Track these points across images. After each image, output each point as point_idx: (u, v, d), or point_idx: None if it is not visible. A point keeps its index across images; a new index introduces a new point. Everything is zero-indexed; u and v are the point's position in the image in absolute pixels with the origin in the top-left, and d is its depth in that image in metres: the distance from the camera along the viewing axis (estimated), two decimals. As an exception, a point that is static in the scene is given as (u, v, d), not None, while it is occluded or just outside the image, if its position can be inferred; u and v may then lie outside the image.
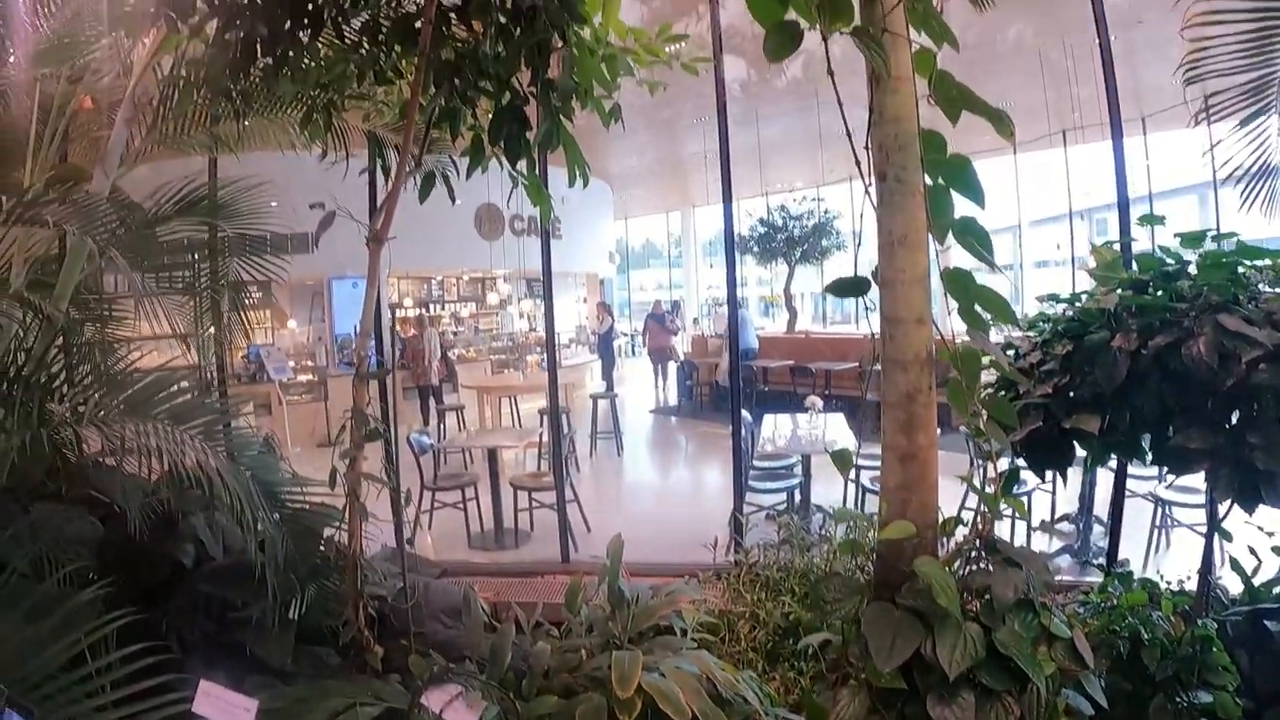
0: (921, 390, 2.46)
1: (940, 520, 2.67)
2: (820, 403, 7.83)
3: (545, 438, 8.72)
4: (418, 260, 17.30)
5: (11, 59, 4.14)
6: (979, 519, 2.66)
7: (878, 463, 7.42)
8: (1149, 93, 12.91)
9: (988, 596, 2.54)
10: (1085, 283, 3.93)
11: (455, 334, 19.73)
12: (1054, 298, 3.91)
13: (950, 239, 2.33)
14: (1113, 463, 5.13)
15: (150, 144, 4.88)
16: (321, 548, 3.79)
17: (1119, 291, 3.38)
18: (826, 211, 19.70)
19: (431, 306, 20.11)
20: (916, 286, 2.37)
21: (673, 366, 17.52)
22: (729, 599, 5.18)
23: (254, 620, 3.21)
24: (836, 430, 7.60)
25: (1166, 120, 13.27)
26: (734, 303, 6.18)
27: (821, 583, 2.70)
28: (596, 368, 18.18)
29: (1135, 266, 3.53)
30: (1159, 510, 6.41)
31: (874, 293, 2.52)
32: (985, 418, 2.51)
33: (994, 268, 2.35)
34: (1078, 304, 3.64)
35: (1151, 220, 3.97)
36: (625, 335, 21.04)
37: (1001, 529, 6.70)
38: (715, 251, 32.69)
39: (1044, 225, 27.44)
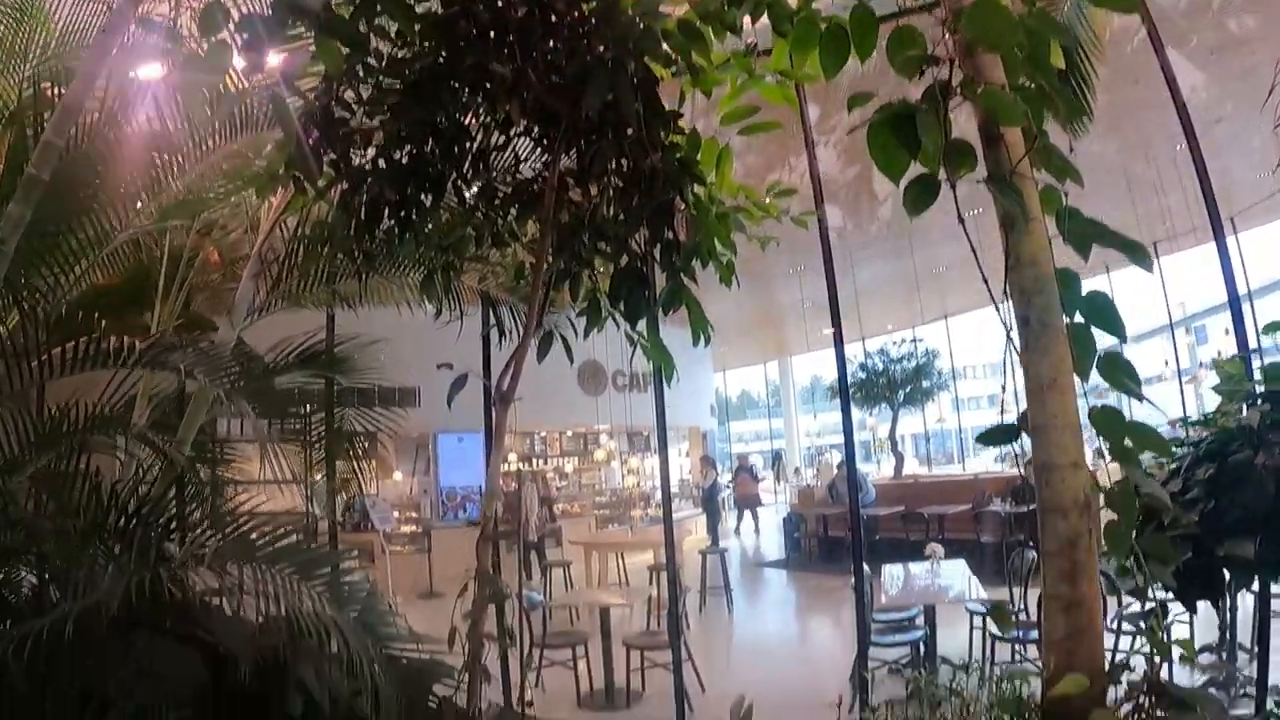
0: (1082, 535, 2.33)
1: (1107, 667, 2.47)
2: (941, 550, 7.52)
3: (656, 595, 8.54)
4: (521, 417, 17.53)
5: (141, 209, 4.40)
6: (1149, 663, 2.45)
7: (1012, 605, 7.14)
8: (1236, 189, 12.84)
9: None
10: (1193, 396, 3.78)
11: (559, 489, 19.76)
12: (1185, 421, 3.74)
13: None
14: (1255, 585, 4.75)
15: (274, 299, 5.12)
16: (432, 703, 3.71)
17: (1260, 405, 3.21)
18: (927, 352, 19.47)
19: (534, 461, 20.29)
20: (1069, 430, 2.29)
21: (760, 512, 18.71)
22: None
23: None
24: (957, 576, 7.27)
25: (1254, 216, 13.05)
26: (852, 459, 6.03)
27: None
28: (700, 522, 17.92)
29: (1261, 378, 3.36)
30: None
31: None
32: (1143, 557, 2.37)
33: (1141, 399, 2.27)
34: (1212, 425, 3.47)
35: (1276, 327, 3.74)
36: (728, 488, 20.81)
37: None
38: (811, 399, 32.42)
39: (1143, 341, 26.67)
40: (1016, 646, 6.56)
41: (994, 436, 2.44)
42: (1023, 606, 7.12)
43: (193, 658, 3.27)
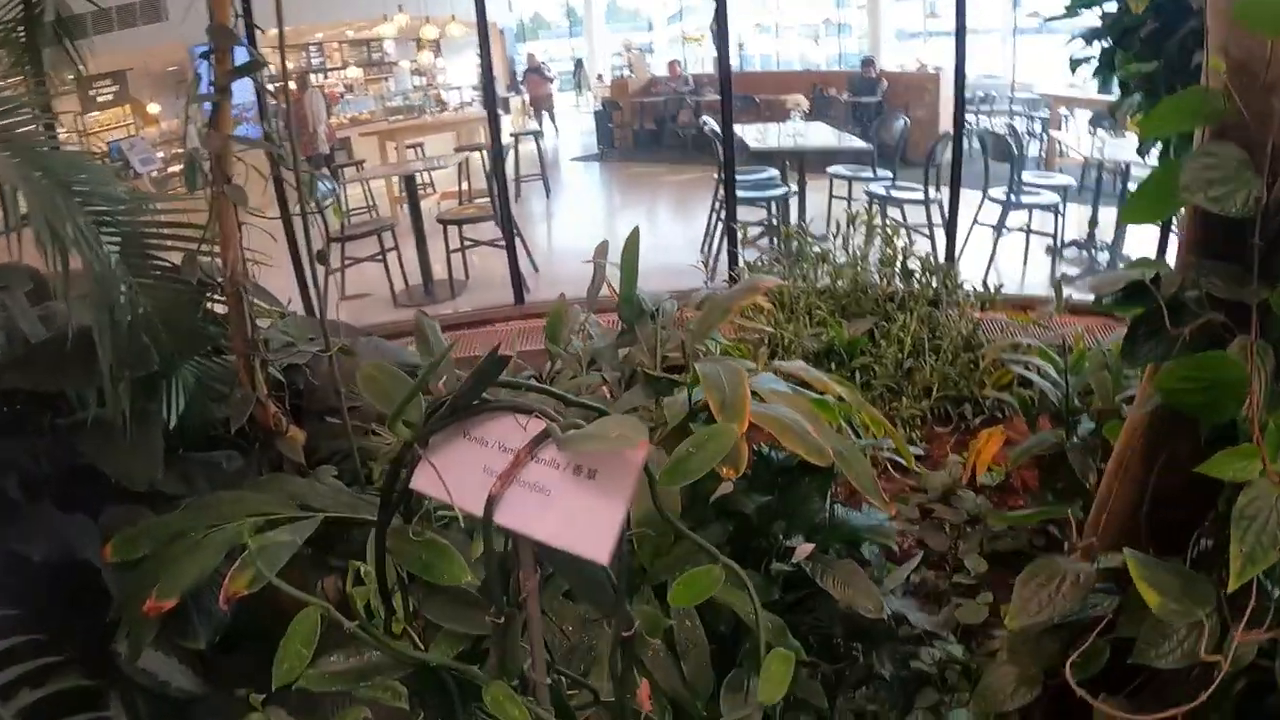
0: None
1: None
2: (805, 103, 6.59)
3: (467, 180, 7.37)
4: (291, 18, 14.98)
5: None
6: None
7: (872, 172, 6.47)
8: None
9: None
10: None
11: (344, 97, 17.70)
12: None
13: None
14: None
15: None
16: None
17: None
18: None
19: (314, 77, 17.91)
20: None
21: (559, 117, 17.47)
22: (733, 326, 4.11)
23: (90, 421, 1.91)
24: (824, 134, 6.43)
25: None
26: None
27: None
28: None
29: None
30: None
31: None
32: None
33: None
34: None
35: None
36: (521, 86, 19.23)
37: (1014, 254, 5.93)
38: (620, 17, 30.06)
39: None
40: (890, 210, 5.89)
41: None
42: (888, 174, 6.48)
43: None
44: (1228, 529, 1.62)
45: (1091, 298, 1.73)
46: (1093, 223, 6.27)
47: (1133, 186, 5.95)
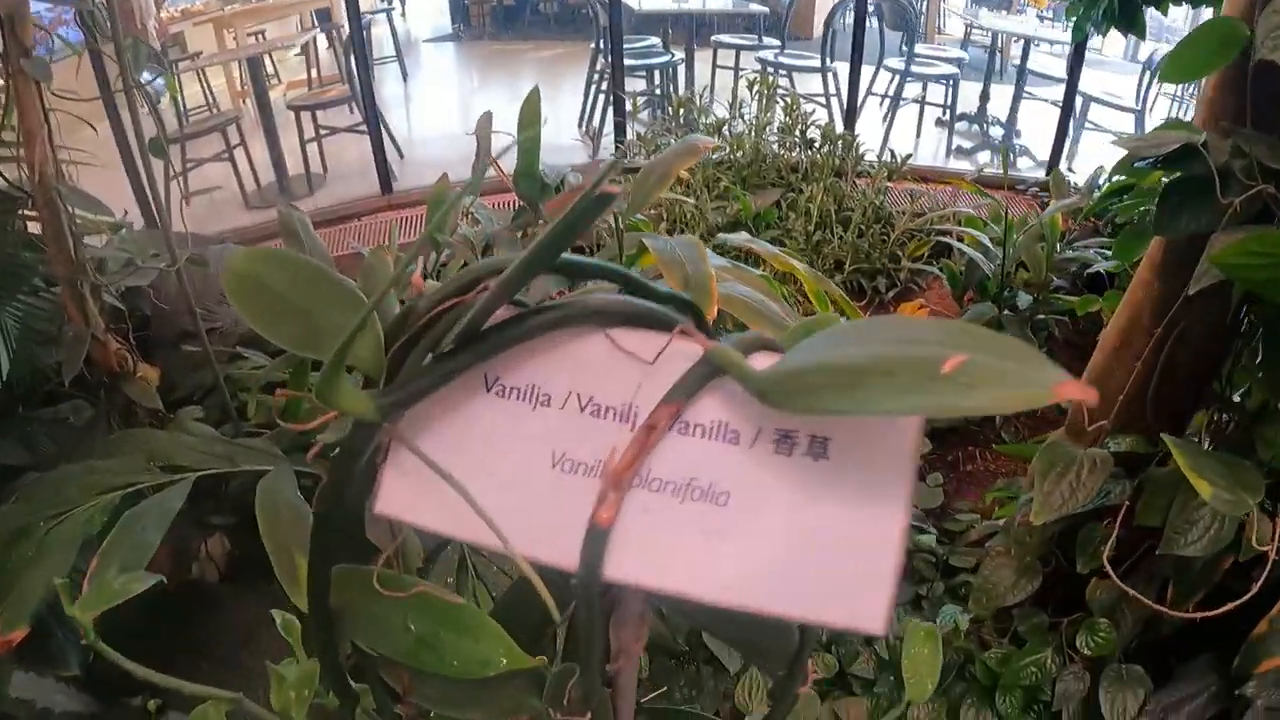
0: None
1: None
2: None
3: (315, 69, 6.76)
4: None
5: None
6: None
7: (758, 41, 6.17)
8: None
9: None
10: None
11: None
12: None
13: None
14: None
15: None
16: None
17: None
18: None
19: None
20: None
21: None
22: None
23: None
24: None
25: None
26: None
27: None
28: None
29: None
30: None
31: None
32: None
33: None
34: None
35: None
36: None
37: (906, 125, 5.90)
38: None
39: None
40: (780, 80, 5.63)
41: None
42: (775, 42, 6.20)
43: None
44: (1235, 411, 1.49)
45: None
46: (984, 96, 6.16)
47: (1033, 64, 5.89)
